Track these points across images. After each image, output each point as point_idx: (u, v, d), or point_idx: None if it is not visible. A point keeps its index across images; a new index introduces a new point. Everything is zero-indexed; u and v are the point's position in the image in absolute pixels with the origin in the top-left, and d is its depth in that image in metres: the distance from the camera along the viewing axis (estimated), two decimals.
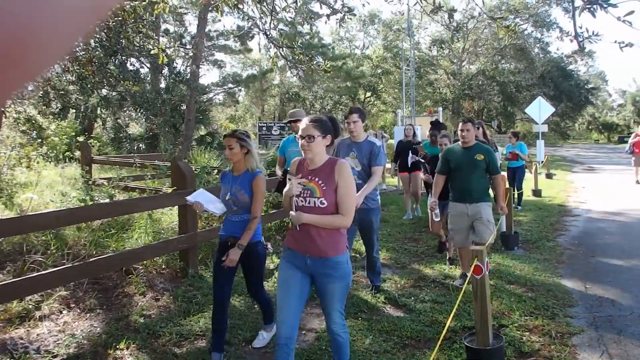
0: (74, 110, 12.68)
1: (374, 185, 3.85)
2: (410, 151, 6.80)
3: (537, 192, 9.80)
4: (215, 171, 6.13)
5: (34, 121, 8.92)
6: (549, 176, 13.25)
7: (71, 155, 9.78)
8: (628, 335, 3.24)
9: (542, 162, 14.26)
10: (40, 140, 9.67)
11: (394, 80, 29.26)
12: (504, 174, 7.44)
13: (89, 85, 8.72)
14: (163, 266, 4.39)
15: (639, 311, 3.65)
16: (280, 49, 5.35)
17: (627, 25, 1.96)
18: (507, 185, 5.90)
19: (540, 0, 28.44)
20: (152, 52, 5.63)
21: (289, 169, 4.35)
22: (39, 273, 3.31)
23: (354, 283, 4.42)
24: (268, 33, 4.93)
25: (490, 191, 4.45)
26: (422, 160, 5.83)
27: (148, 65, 13.58)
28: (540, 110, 14.59)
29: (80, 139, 9.71)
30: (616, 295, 4.01)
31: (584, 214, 7.92)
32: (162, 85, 14.43)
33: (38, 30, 0.27)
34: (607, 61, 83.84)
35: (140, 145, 15.11)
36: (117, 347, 3.06)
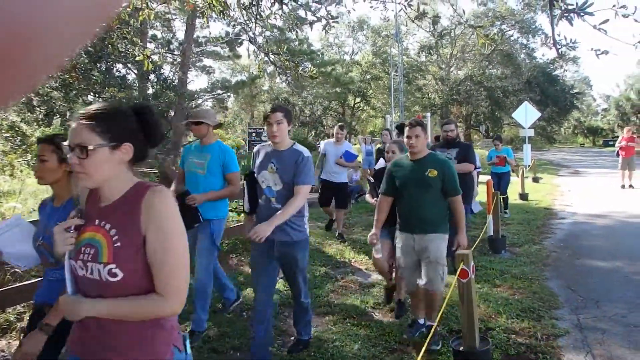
0: (59, 117, 12.54)
1: (294, 209, 2.70)
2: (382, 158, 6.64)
3: (523, 196, 9.93)
4: None
5: (17, 128, 8.77)
6: (535, 180, 13.44)
7: None
8: (612, 336, 3.29)
9: (529, 166, 14.48)
10: (24, 147, 9.51)
11: (383, 86, 29.52)
12: (488, 177, 7.51)
13: (73, 92, 8.64)
14: None
15: (623, 312, 3.71)
16: (267, 55, 5.37)
17: (602, 34, 2.01)
18: (493, 190, 5.93)
19: (526, 7, 29.03)
20: (137, 58, 5.60)
21: (187, 188, 3.34)
22: (21, 283, 3.25)
23: (342, 288, 4.41)
24: (253, 40, 4.94)
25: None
26: (371, 179, 4.27)
27: (135, 71, 13.51)
28: (526, 114, 14.83)
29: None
30: (600, 297, 4.06)
31: (570, 216, 8.04)
32: (150, 91, 14.35)
33: (39, 31, 0.27)
34: (592, 67, 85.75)
35: None
36: None
